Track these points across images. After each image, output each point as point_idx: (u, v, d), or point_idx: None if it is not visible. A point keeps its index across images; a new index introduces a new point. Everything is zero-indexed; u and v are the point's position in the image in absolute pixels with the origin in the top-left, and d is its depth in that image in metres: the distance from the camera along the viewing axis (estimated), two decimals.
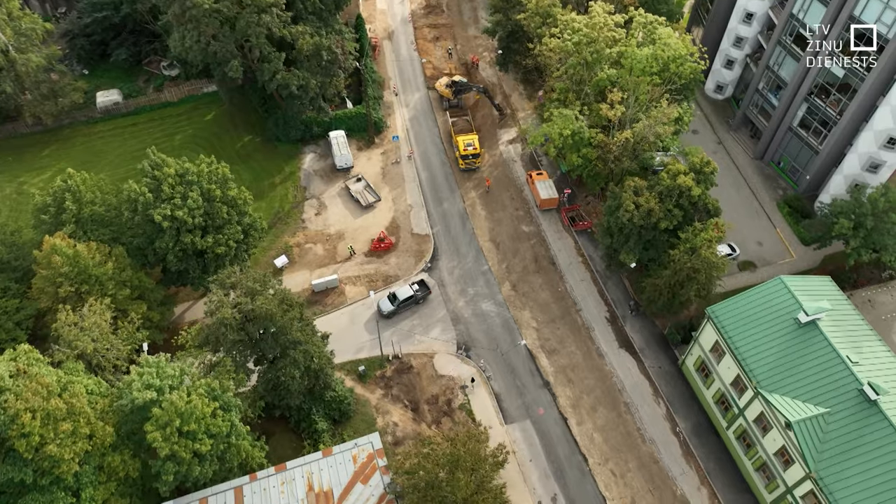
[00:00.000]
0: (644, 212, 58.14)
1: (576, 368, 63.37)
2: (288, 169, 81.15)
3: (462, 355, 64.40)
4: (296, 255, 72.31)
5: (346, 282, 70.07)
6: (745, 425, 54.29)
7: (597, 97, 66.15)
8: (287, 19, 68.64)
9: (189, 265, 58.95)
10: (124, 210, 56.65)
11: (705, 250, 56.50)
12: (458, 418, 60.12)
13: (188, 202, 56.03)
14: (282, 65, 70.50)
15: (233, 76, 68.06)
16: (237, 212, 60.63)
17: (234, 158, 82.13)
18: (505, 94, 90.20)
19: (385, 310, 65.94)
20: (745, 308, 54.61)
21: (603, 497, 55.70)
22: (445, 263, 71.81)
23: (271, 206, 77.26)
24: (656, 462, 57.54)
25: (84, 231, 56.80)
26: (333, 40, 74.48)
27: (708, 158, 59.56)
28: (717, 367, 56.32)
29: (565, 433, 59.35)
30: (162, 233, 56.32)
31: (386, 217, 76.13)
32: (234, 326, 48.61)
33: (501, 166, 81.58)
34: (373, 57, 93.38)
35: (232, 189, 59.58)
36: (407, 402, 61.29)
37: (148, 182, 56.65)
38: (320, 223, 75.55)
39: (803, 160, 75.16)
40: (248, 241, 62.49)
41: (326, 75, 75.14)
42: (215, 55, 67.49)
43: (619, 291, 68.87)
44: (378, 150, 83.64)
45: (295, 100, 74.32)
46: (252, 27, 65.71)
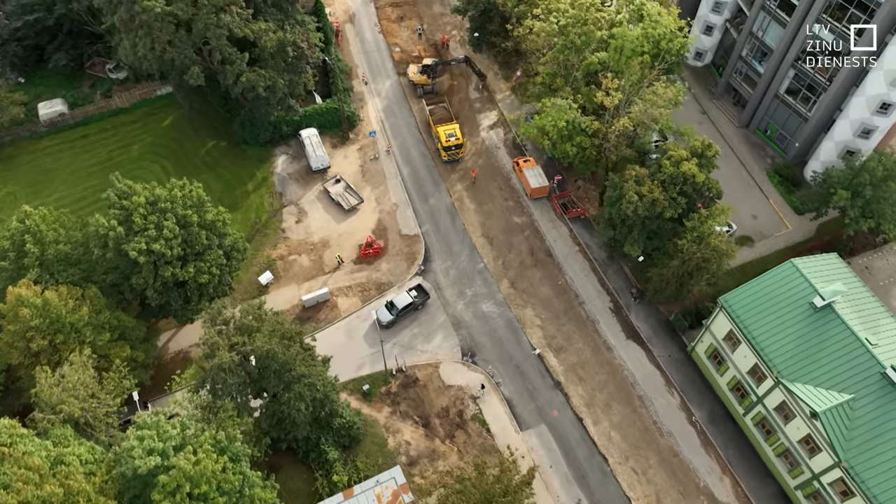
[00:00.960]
0: (648, 202, 55.92)
1: (585, 365, 61.77)
2: (260, 174, 76.13)
3: (468, 362, 62.05)
4: (280, 270, 68.19)
5: (338, 293, 66.51)
6: (765, 413, 53.67)
7: (587, 81, 62.98)
8: (248, 16, 62.91)
9: (171, 298, 54.56)
10: (93, 247, 51.64)
11: (714, 238, 54.79)
12: (471, 430, 58.09)
13: (164, 232, 51.38)
14: (245, 65, 65.01)
15: (194, 83, 62.35)
16: (217, 234, 56.18)
17: (200, 167, 76.71)
18: (485, 84, 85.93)
19: (384, 320, 62.82)
20: (758, 296, 53.37)
21: (627, 498, 54.79)
22: (439, 264, 68.77)
23: (247, 216, 72.51)
24: (676, 455, 56.79)
25: (50, 273, 51.68)
26: (298, 34, 69.06)
27: (709, 141, 57.41)
28: (732, 355, 55.33)
29: (582, 434, 57.98)
30: (138, 268, 51.68)
31: (371, 219, 72.30)
32: (234, 370, 44.99)
33: (485, 154, 78.17)
34: (336, 43, 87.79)
35: (209, 212, 54.96)
36: (417, 418, 58.88)
37: (116, 214, 51.65)
38: (302, 231, 71.28)
39: (791, 127, 73.85)
40: (232, 263, 58.20)
41: (294, 72, 69.89)
42: (173, 63, 61.60)
43: (620, 279, 67.14)
44: (354, 147, 79.11)
45: (262, 101, 69.04)
46: (211, 29, 59.97)
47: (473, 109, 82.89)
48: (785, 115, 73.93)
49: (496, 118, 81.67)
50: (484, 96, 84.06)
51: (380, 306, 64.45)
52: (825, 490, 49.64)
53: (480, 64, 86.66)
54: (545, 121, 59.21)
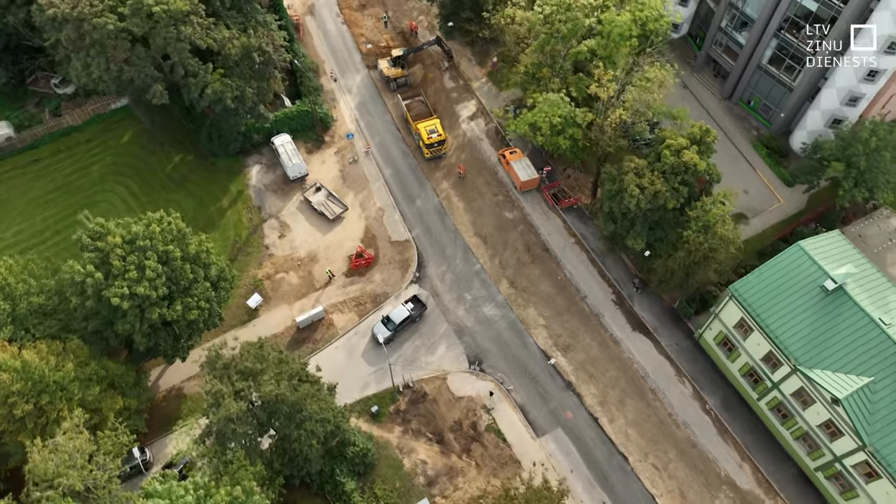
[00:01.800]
0: (650, 194, 54.26)
1: (595, 362, 60.64)
2: (234, 188, 71.89)
3: (476, 370, 60.27)
4: (268, 290, 64.80)
5: (332, 310, 63.62)
6: (781, 398, 53.45)
7: (575, 68, 60.39)
8: (209, 25, 58.10)
9: (159, 339, 51.00)
10: (70, 295, 47.60)
11: (721, 227, 53.60)
12: (487, 441, 56.62)
13: (146, 273, 47.60)
14: (210, 76, 60.38)
15: (157, 103, 57.60)
16: (201, 266, 52.52)
17: (168, 184, 72.04)
18: (453, 64, 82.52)
19: (381, 336, 60.31)
20: (768, 282, 52.60)
21: (651, 495, 54.32)
22: (434, 270, 66.31)
23: (225, 235, 68.52)
24: (694, 446, 56.44)
25: (26, 329, 47.58)
26: (262, 36, 64.42)
27: (706, 126, 55.76)
28: (744, 342, 54.75)
29: (599, 434, 57.09)
30: (122, 314, 47.90)
31: (358, 227, 69.14)
32: (242, 418, 42.16)
33: (468, 148, 75.30)
34: (298, 39, 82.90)
35: (191, 244, 51.18)
36: (430, 435, 57.09)
37: (91, 257, 47.58)
38: (287, 247, 67.76)
39: (776, 98, 72.82)
40: (220, 293, 54.71)
41: (262, 78, 65.45)
42: (132, 82, 56.64)
43: (620, 269, 65.84)
44: (331, 150, 75.27)
45: (231, 112, 64.56)
46: (171, 43, 55.08)
47: (451, 100, 79.60)
48: (769, 86, 72.80)
49: (475, 108, 78.62)
50: (460, 85, 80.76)
51: (378, 320, 61.89)
52: (848, 472, 49.87)
53: (453, 51, 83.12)
54: (538, 117, 56.64)
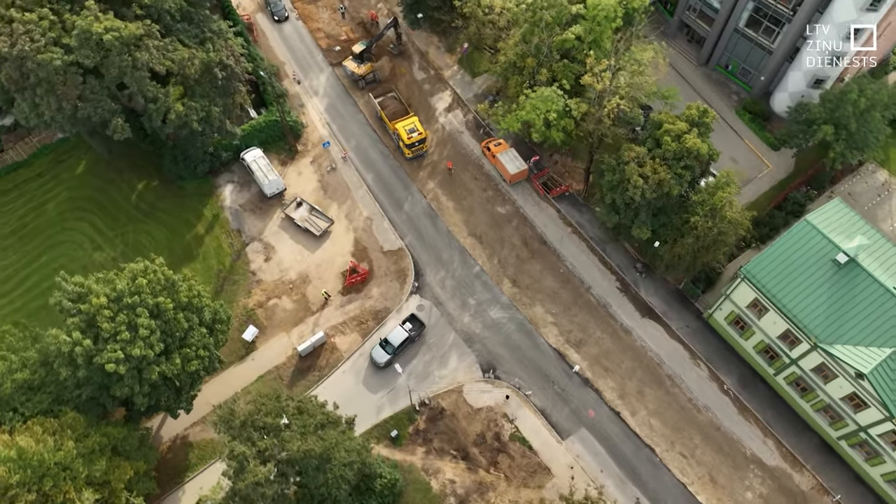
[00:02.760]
0: (654, 183, 52.68)
1: (608, 354, 59.70)
2: (208, 212, 67.43)
3: (491, 378, 58.65)
4: (262, 319, 61.40)
5: (334, 333, 60.77)
6: (800, 373, 53.55)
7: (561, 55, 57.66)
8: (165, 46, 52.99)
9: (160, 396, 47.57)
10: (58, 367, 43.54)
11: (728, 210, 52.54)
12: (513, 451, 55.41)
13: (140, 331, 43.87)
14: (171, 100, 55.49)
15: (120, 137, 52.65)
16: (195, 311, 48.92)
17: (136, 215, 67.14)
18: (421, 52, 78.73)
19: (381, 360, 57.80)
20: (780, 261, 52.04)
21: (682, 484, 54.22)
22: (433, 277, 63.85)
23: (207, 265, 64.42)
24: (718, 429, 56.41)
25: (13, 409, 43.46)
26: (221, 49, 59.45)
27: (704, 107, 54.14)
28: (759, 322, 54.43)
29: (623, 429, 56.49)
30: (119, 377, 44.22)
31: (347, 241, 65.86)
32: (271, 481, 39.56)
33: (450, 142, 72.23)
34: (253, 40, 77.54)
35: (182, 291, 47.44)
36: (454, 452, 55.52)
37: (76, 322, 43.52)
38: (275, 270, 64.15)
39: (755, 61, 71.74)
40: (217, 336, 51.30)
41: (226, 95, 60.70)
42: (89, 119, 51.48)
43: (621, 255, 64.63)
44: (306, 160, 71.16)
45: (197, 135, 59.87)
46: (128, 71, 49.98)
47: (424, 93, 76.00)
48: (747, 49, 71.59)
49: (451, 98, 75.30)
50: (431, 75, 77.12)
51: (376, 343, 59.32)
52: (874, 441, 50.48)
53: (419, 40, 79.24)
54: (532, 115, 53.97)
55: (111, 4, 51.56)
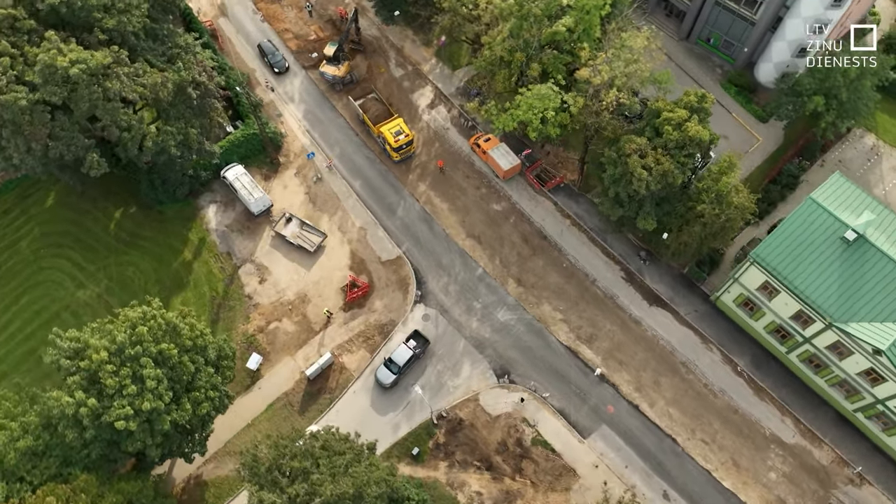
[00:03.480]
0: (658, 175, 51.63)
1: (621, 347, 59.21)
2: (193, 236, 64.44)
3: (506, 383, 57.72)
4: (265, 345, 59.24)
5: (340, 352, 59.00)
6: (814, 351, 53.75)
7: (551, 47, 55.71)
8: (136, 72, 49.49)
9: (173, 444, 45.48)
10: (64, 429, 41.03)
11: (735, 196, 51.85)
12: (537, 455, 54.84)
13: (147, 383, 41.57)
14: (146, 126, 52.20)
15: (96, 174, 49.33)
16: (199, 350, 46.68)
17: (117, 246, 63.87)
18: (396, 48, 75.84)
19: (386, 381, 56.24)
20: (788, 243, 51.74)
21: (707, 471, 54.39)
22: (435, 283, 62.26)
23: (200, 293, 61.71)
24: (736, 411, 56.59)
25: (20, 479, 40.94)
26: (192, 66, 56.04)
27: (702, 92, 53.01)
28: (770, 303, 54.34)
29: (643, 422, 56.27)
30: (129, 433, 41.96)
31: (343, 254, 63.68)
32: None
33: (437, 140, 70.05)
34: (218, 47, 73.66)
35: (184, 333, 45.07)
36: (478, 463, 54.71)
37: (77, 381, 40.98)
38: (271, 292, 61.78)
39: (737, 33, 70.66)
40: (224, 373, 49.16)
41: (202, 114, 57.47)
42: (62, 158, 48.02)
43: (623, 244, 63.81)
44: (289, 172, 68.32)
45: (176, 160, 56.69)
46: (99, 104, 46.52)
47: (404, 90, 73.38)
48: (729, 22, 70.43)
49: (432, 94, 72.87)
50: (409, 71, 74.44)
51: (393, 350, 57.90)
52: (891, 412, 51.07)
53: (393, 35, 76.31)
54: (528, 114, 52.12)
55: (72, 31, 47.83)
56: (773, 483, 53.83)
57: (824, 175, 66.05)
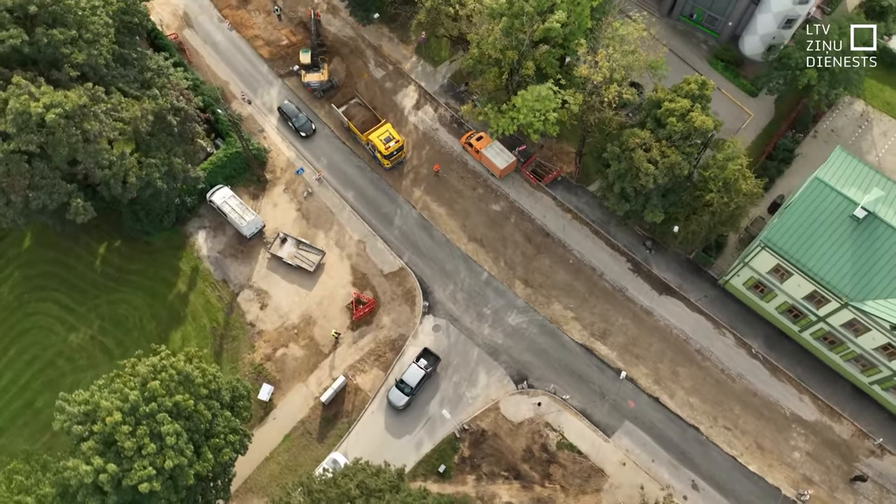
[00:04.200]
0: (665, 168, 50.66)
1: (636, 341, 58.78)
2: (185, 265, 61.81)
3: (525, 388, 56.93)
4: (273, 373, 57.40)
5: (353, 373, 57.48)
6: (829, 329, 53.91)
7: (541, 41, 53.90)
8: (115, 106, 46.32)
9: (195, 494, 43.79)
10: (83, 498, 38.96)
11: (743, 183, 51.16)
12: (564, 459, 54.39)
13: (166, 440, 39.65)
14: (128, 160, 49.23)
15: (83, 220, 46.43)
16: (213, 394, 44.78)
17: (106, 283, 61.06)
18: (374, 47, 73.05)
19: (399, 403, 54.88)
20: (798, 225, 51.38)
21: (732, 457, 54.60)
22: (442, 292, 60.83)
23: (199, 325, 59.36)
24: (755, 394, 56.78)
25: None
26: (168, 90, 52.95)
27: (703, 78, 51.87)
28: (782, 285, 54.21)
29: (665, 414, 56.14)
30: (153, 493, 40.12)
31: (344, 270, 61.75)
32: None
33: (427, 143, 67.99)
34: (186, 61, 70.08)
35: (197, 380, 43.06)
36: (505, 473, 54.08)
37: (93, 447, 38.87)
38: (274, 317, 59.73)
39: (721, 7, 69.58)
40: (241, 413, 47.37)
41: (185, 140, 54.58)
42: (45, 208, 44.98)
43: (627, 234, 63.00)
44: (278, 189, 65.73)
45: (162, 192, 53.88)
46: (79, 147, 43.46)
47: (387, 92, 70.89)
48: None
49: (417, 94, 70.54)
50: (390, 71, 71.86)
51: (406, 365, 56.59)
52: None
53: (369, 33, 73.45)
54: (529, 117, 50.42)
55: (38, 70, 44.43)
56: (797, 462, 54.32)
57: (818, 146, 66.29)
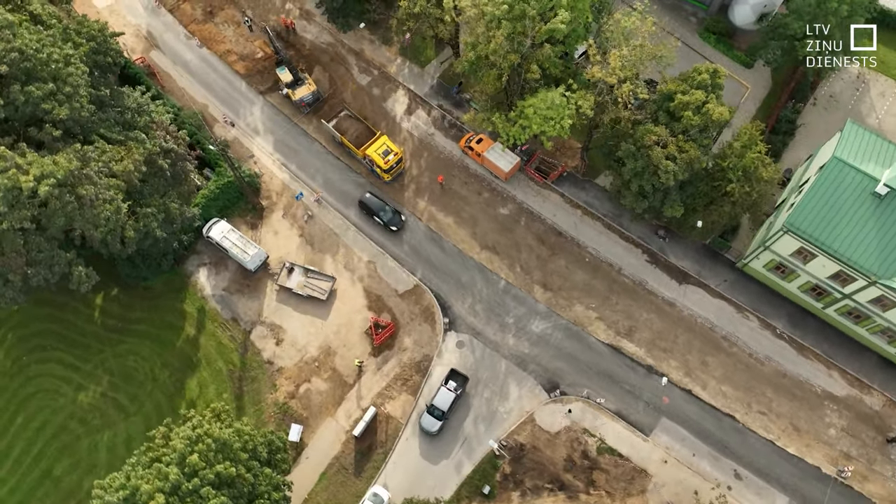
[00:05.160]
0: (684, 164, 49.28)
1: (662, 334, 58.18)
2: (190, 307, 59.05)
3: (557, 396, 56.13)
4: (300, 411, 55.58)
5: (382, 401, 55.93)
6: (854, 305, 53.87)
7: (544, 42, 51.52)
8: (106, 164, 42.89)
9: None
10: None
11: (764, 170, 50.11)
12: (605, 464, 54.02)
13: None
14: (123, 215, 46.02)
15: (86, 288, 43.35)
16: (251, 454, 42.91)
17: (108, 336, 58.27)
18: (355, 52, 69.64)
19: (433, 429, 53.68)
20: (820, 206, 50.66)
21: (770, 441, 54.81)
22: (461, 306, 59.24)
23: (215, 370, 57.00)
24: (784, 375, 56.84)
25: None
26: (154, 130, 49.51)
27: (714, 67, 50.20)
28: (806, 266, 53.81)
29: (700, 406, 55.94)
30: None
31: (358, 295, 59.62)
32: None
33: (425, 150, 65.50)
34: (159, 86, 65.99)
35: (236, 445, 41.08)
36: (549, 485, 53.55)
37: None
38: (292, 352, 57.60)
39: None
40: (280, 467, 45.66)
41: (178, 182, 51.36)
42: (47, 282, 41.75)
43: (640, 225, 61.82)
44: (276, 215, 62.83)
45: (161, 240, 50.85)
46: (75, 216, 40.18)
47: (375, 99, 67.86)
48: None
49: (407, 98, 67.66)
50: (376, 76, 68.71)
51: (434, 386, 55.31)
52: None
53: (348, 38, 69.94)
54: (545, 125, 48.28)
55: (17, 132, 40.67)
56: (834, 439, 54.79)
57: (819, 114, 65.63)
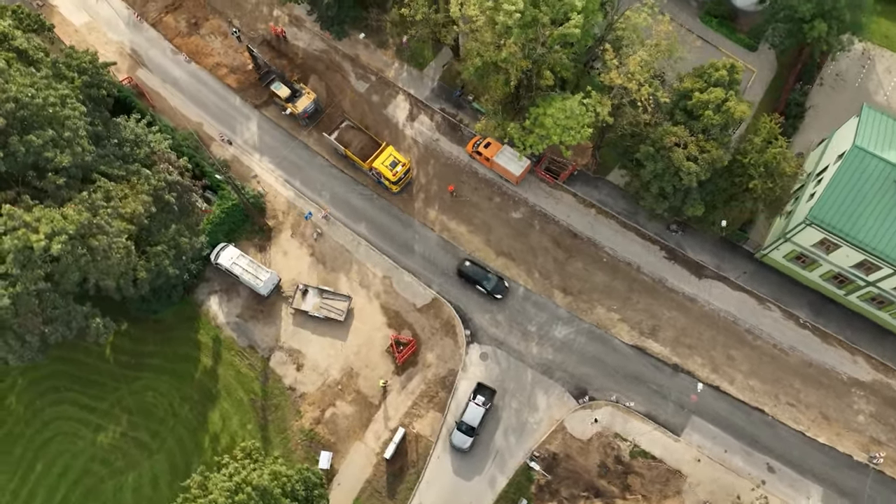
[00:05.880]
0: (706, 164, 48.26)
1: (685, 331, 57.72)
2: (204, 337, 57.53)
3: (586, 402, 55.64)
4: (327, 436, 54.62)
5: (410, 421, 55.09)
6: (878, 292, 53.65)
7: None
8: (115, 209, 40.93)
9: None
10: None
11: (787, 164, 49.22)
12: (639, 467, 53.85)
13: None
14: (134, 257, 44.19)
15: (104, 339, 41.67)
16: (290, 494, 42.01)
17: (123, 373, 56.73)
18: (350, 58, 67.35)
19: (464, 446, 52.93)
20: (843, 197, 50.05)
21: (800, 432, 54.88)
22: (481, 317, 58.24)
23: (236, 401, 55.74)
24: (810, 365, 56.75)
25: None
26: (157, 163, 47.47)
27: (730, 62, 48.93)
28: (829, 256, 53.37)
29: (729, 401, 55.75)
30: None
31: (376, 312, 58.36)
32: None
33: (431, 157, 63.83)
34: (150, 106, 63.49)
35: (275, 492, 40.05)
36: (585, 493, 53.30)
37: None
38: (314, 376, 56.41)
39: None
40: (315, 501, 44.78)
41: (186, 214, 49.47)
42: (64, 339, 39.97)
43: (655, 222, 60.90)
44: (284, 235, 61.07)
45: (174, 276, 49.11)
46: (90, 269, 38.31)
47: (375, 106, 65.83)
48: None
49: (408, 103, 65.73)
50: (374, 82, 66.60)
51: (462, 401, 54.61)
52: None
53: (342, 45, 67.58)
54: (565, 135, 46.84)
55: (18, 184, 38.48)
56: (863, 426, 54.97)
57: (827, 94, 64.81)
